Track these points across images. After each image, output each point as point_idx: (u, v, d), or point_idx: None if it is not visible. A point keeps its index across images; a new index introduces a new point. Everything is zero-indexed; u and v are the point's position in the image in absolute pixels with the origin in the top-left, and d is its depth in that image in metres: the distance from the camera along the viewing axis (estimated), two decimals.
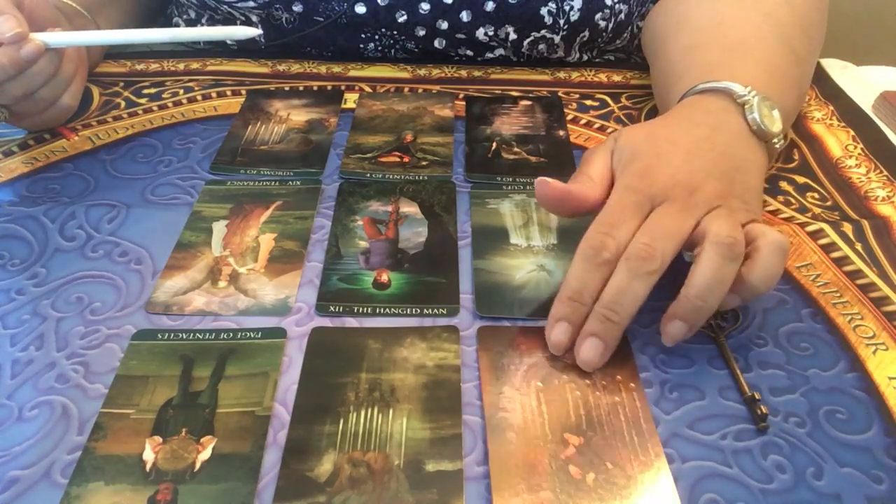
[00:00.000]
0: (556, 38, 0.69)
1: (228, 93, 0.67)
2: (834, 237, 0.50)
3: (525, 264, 0.48)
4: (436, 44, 0.70)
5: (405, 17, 0.68)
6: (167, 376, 0.41)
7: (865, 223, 0.51)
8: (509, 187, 0.55)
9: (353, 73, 0.71)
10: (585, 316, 0.41)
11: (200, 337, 0.43)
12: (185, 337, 0.43)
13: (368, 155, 0.59)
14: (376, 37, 0.70)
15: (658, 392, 0.40)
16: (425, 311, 0.45)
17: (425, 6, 0.67)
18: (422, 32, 0.69)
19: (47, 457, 0.37)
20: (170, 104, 0.66)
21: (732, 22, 0.57)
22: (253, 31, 0.55)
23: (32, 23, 0.55)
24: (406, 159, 0.59)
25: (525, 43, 0.69)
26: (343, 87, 0.68)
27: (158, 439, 0.37)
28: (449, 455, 0.37)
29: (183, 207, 0.53)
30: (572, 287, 0.41)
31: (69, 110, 0.60)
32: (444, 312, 0.45)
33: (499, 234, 0.51)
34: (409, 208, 0.53)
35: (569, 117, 0.64)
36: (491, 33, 0.69)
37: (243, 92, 0.67)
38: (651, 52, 0.65)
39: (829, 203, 0.53)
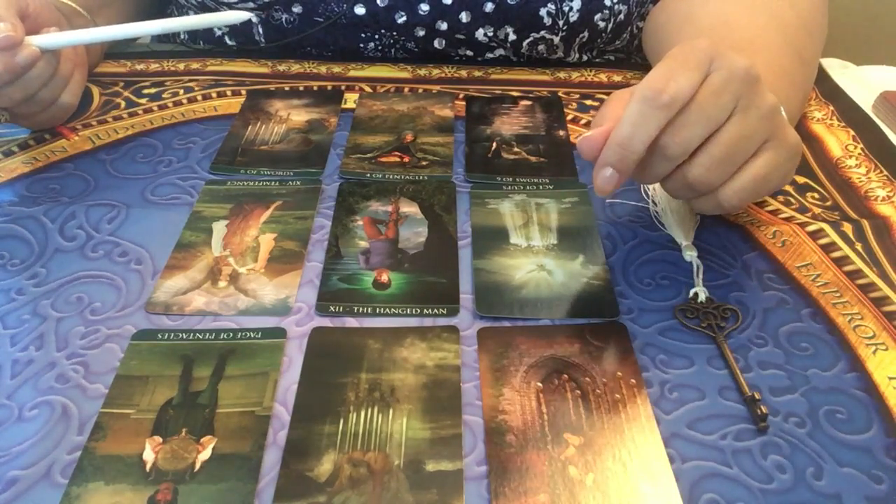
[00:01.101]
0: (556, 39, 0.69)
1: (228, 93, 0.67)
2: (834, 237, 0.50)
3: (525, 264, 0.48)
4: (435, 44, 0.70)
5: (405, 18, 0.68)
6: (167, 376, 0.41)
7: (865, 223, 0.51)
8: (509, 187, 0.55)
9: (353, 73, 0.71)
10: (634, 163, 0.40)
11: (200, 337, 0.43)
12: (185, 337, 0.43)
13: (368, 155, 0.59)
14: (376, 37, 0.70)
15: (658, 392, 0.40)
16: (425, 311, 0.45)
17: (424, 7, 0.67)
18: (421, 33, 0.69)
19: (47, 457, 0.37)
20: (170, 104, 0.66)
21: (739, 22, 0.57)
22: (244, 15, 0.55)
23: (37, 26, 0.55)
24: (406, 159, 0.59)
25: (524, 44, 0.69)
26: (343, 87, 0.68)
27: (158, 439, 0.37)
28: (449, 455, 0.37)
29: (183, 207, 0.53)
30: (623, 132, 0.40)
31: (69, 108, 0.60)
32: (444, 312, 0.45)
33: (499, 234, 0.51)
34: (409, 208, 0.53)
35: (569, 117, 0.64)
36: (490, 34, 0.69)
37: (243, 92, 0.67)
38: (653, 51, 0.65)
39: (829, 203, 0.53)
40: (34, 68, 0.53)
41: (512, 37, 0.69)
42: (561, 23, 0.67)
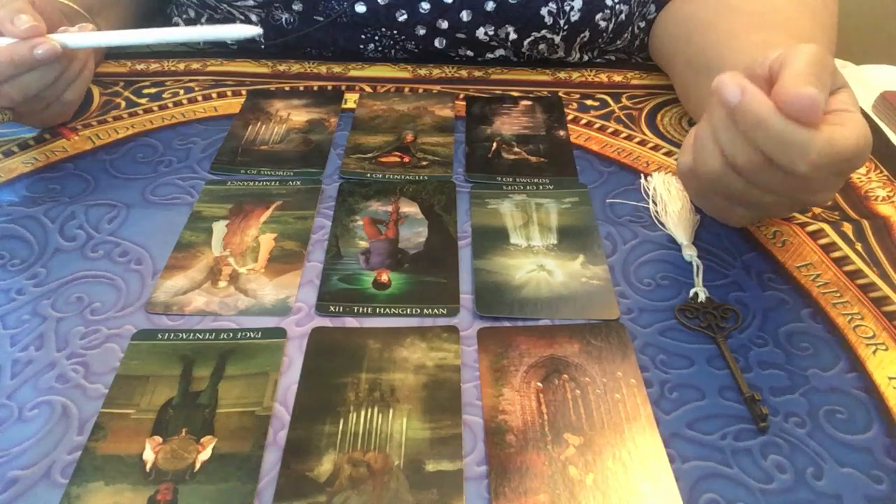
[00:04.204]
0: (557, 39, 0.69)
1: (229, 93, 0.67)
2: (834, 237, 0.50)
3: (525, 264, 0.48)
4: (436, 43, 0.70)
5: (405, 17, 0.68)
6: (167, 376, 0.41)
7: (865, 223, 0.51)
8: (509, 187, 0.55)
9: (353, 73, 0.71)
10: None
11: (200, 337, 0.43)
12: (185, 337, 0.43)
13: (369, 155, 0.59)
14: (376, 37, 0.70)
15: (658, 392, 0.40)
16: (425, 311, 0.45)
17: (425, 5, 0.67)
18: (422, 32, 0.69)
19: (47, 457, 0.37)
20: (170, 104, 0.66)
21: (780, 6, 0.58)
22: (253, 30, 0.54)
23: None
24: (406, 159, 0.59)
25: (525, 43, 0.69)
26: (343, 87, 0.68)
27: (158, 439, 0.37)
28: (449, 455, 0.37)
29: (183, 207, 0.53)
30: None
31: (73, 106, 0.59)
32: (444, 312, 0.45)
33: (499, 234, 0.51)
34: (410, 208, 0.53)
35: (569, 117, 0.64)
36: (491, 33, 0.68)
37: (243, 92, 0.67)
38: (683, 38, 0.64)
39: (829, 203, 0.53)
40: (37, 70, 0.53)
41: (513, 36, 0.69)
42: (562, 22, 0.67)
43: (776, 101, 0.38)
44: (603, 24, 0.69)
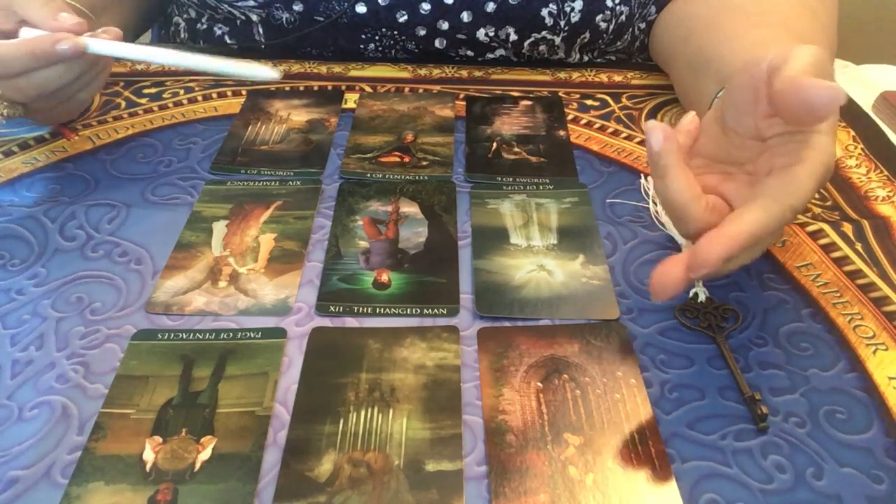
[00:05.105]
0: (557, 40, 0.69)
1: (229, 93, 0.67)
2: (834, 237, 0.50)
3: (525, 264, 0.48)
4: (436, 44, 0.70)
5: (406, 17, 0.68)
6: (167, 376, 0.41)
7: (865, 223, 0.51)
8: (509, 187, 0.55)
9: (353, 73, 0.71)
10: None
11: (200, 337, 0.43)
12: (185, 337, 0.43)
13: (369, 155, 0.59)
14: (377, 37, 0.70)
15: (658, 392, 0.40)
16: (425, 311, 0.45)
17: (426, 6, 0.67)
18: (422, 32, 0.69)
19: (47, 457, 0.37)
20: (170, 104, 0.66)
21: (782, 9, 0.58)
22: (274, 74, 0.53)
23: None
24: (406, 159, 0.59)
25: (526, 44, 0.69)
26: (343, 87, 0.68)
27: (158, 439, 0.37)
28: (449, 455, 0.37)
29: (183, 207, 0.53)
30: None
31: (83, 104, 0.58)
32: (444, 312, 0.45)
33: (499, 234, 0.51)
34: (410, 208, 0.53)
35: (569, 117, 0.64)
36: (491, 34, 0.69)
37: (244, 92, 0.67)
38: (682, 39, 0.64)
39: (829, 203, 0.53)
40: (54, 69, 0.52)
41: (513, 37, 0.69)
42: (562, 23, 0.67)
43: (795, 90, 0.36)
44: (603, 25, 0.69)
